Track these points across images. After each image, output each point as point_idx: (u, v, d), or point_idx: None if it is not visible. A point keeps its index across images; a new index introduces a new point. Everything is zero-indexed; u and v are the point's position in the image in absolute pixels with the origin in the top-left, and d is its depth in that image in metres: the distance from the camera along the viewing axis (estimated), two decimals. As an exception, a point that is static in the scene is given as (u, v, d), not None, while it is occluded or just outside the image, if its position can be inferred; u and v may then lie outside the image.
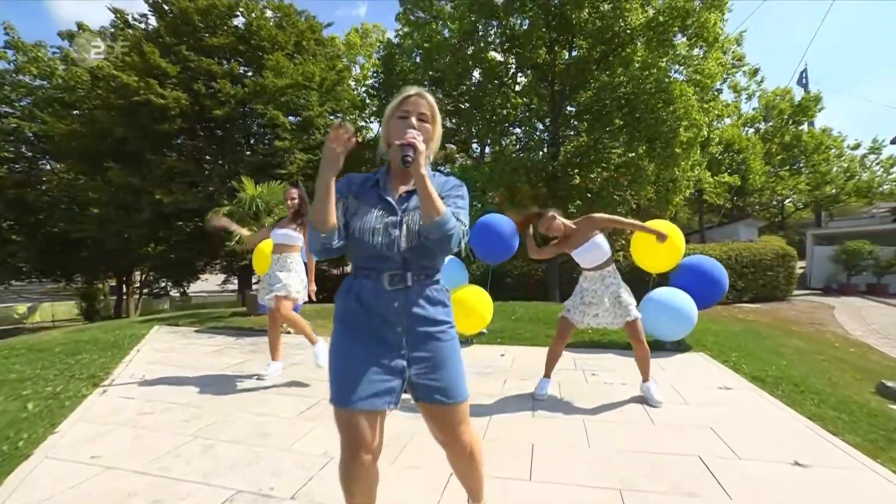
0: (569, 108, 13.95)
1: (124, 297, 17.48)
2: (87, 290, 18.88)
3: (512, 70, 13.90)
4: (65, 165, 14.70)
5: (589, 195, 12.49)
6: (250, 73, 13.59)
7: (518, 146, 15.54)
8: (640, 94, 10.56)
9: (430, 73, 14.05)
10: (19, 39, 15.15)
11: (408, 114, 1.36)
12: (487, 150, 18.00)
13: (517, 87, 14.08)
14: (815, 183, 24.52)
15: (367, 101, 17.84)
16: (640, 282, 5.32)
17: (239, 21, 13.70)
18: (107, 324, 7.21)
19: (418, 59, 14.71)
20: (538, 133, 13.68)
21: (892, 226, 16.96)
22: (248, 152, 13.56)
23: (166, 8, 12.99)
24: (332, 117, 16.08)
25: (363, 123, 19.40)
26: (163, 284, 18.08)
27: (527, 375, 4.03)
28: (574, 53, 12.73)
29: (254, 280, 13.90)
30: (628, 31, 11.17)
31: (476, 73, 13.66)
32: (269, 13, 14.17)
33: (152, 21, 13.40)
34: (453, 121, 16.33)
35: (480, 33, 13.40)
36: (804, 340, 6.44)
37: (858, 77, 66.78)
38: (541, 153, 13.37)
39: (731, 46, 18.67)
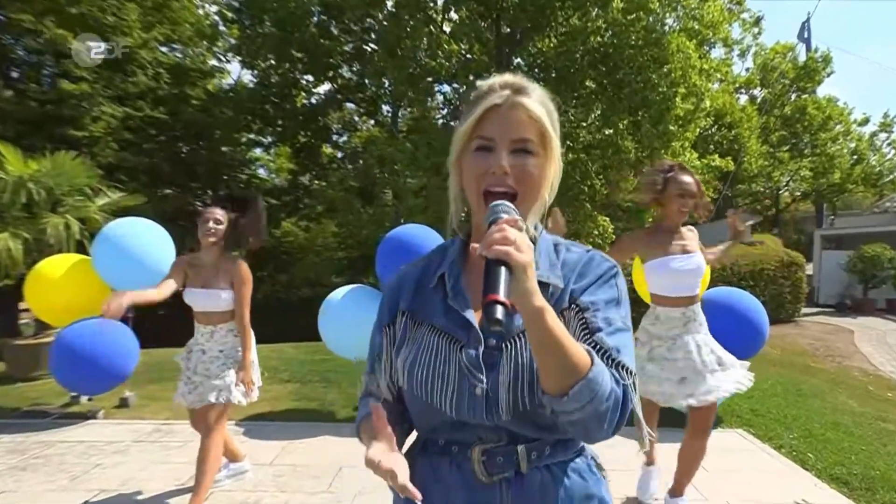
0: (518, 59, 13.85)
1: None
2: None
3: (441, 1, 13.49)
4: None
5: (548, 183, 12.39)
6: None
7: (447, 111, 15.26)
8: (622, 47, 10.59)
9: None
10: None
11: (492, 142, 1.04)
12: (403, 113, 17.55)
13: (448, 28, 13.71)
14: (820, 168, 26.18)
15: (222, 28, 16.96)
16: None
17: None
18: None
19: (305, -25, 13.98)
20: (477, 94, 13.41)
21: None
22: (8, 92, 11.69)
23: None
24: (164, 50, 14.59)
25: (215, 63, 18.45)
26: None
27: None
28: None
29: (23, 312, 11.93)
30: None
31: (389, 2, 13.11)
32: None
33: None
34: (355, 69, 15.69)
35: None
36: (852, 395, 6.64)
37: (859, 36, 73.78)
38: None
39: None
